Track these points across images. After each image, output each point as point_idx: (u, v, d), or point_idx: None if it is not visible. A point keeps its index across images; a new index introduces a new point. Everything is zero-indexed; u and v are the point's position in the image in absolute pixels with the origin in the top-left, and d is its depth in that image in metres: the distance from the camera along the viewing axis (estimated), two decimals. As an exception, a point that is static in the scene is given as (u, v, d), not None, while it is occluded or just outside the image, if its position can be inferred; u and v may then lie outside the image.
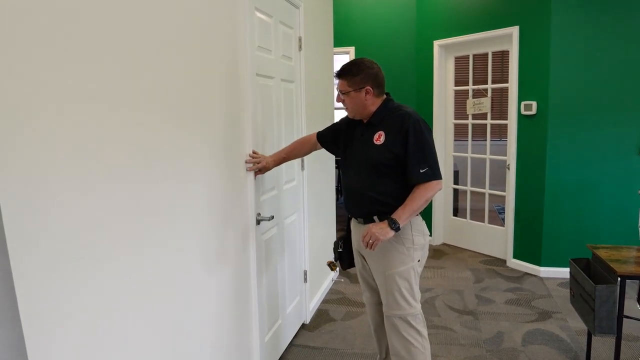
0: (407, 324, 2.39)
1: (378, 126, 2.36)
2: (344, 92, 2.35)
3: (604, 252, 2.75)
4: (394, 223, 2.23)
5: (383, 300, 2.45)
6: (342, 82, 2.35)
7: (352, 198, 2.48)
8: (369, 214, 2.41)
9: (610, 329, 2.51)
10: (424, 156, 2.25)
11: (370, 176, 2.35)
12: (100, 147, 1.41)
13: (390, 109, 2.37)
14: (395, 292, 2.37)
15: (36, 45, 1.18)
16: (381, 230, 2.23)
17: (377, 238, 2.22)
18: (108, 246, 1.46)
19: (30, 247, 1.17)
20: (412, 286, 2.39)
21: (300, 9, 3.34)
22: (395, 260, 2.36)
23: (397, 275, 2.36)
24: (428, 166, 2.25)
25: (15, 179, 1.13)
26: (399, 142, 2.27)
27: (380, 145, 2.32)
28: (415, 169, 2.25)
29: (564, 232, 4.45)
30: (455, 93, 5.43)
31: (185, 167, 1.92)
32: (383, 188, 2.33)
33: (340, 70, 2.37)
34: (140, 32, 1.60)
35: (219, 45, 2.20)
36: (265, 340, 2.82)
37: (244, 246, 2.51)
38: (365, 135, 2.39)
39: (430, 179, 2.25)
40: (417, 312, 2.40)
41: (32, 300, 1.18)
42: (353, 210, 2.52)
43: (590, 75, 4.21)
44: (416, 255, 2.39)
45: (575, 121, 4.29)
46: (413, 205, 2.25)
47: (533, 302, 3.98)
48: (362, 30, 5.63)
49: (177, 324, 1.88)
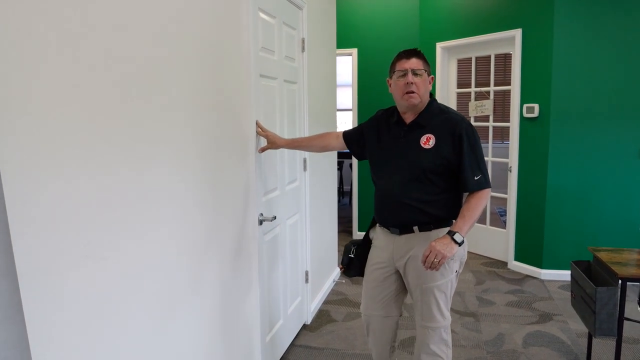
0: (438, 338, 2.28)
1: (425, 128, 2.21)
2: (418, 72, 2.17)
3: (605, 255, 2.75)
4: (458, 237, 2.06)
5: (417, 311, 2.31)
6: (418, 61, 2.19)
7: (389, 205, 2.28)
8: (409, 223, 2.24)
9: (611, 331, 2.51)
10: (477, 163, 2.15)
11: (415, 182, 2.19)
12: (106, 145, 1.43)
13: (438, 111, 2.25)
14: (433, 304, 2.24)
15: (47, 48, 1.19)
16: (447, 247, 2.03)
17: (444, 256, 2.01)
18: (112, 245, 1.47)
19: (34, 247, 1.18)
20: (448, 299, 2.27)
21: (304, 10, 3.36)
22: (436, 274, 2.20)
23: (436, 288, 2.22)
24: (481, 173, 2.15)
25: (20, 178, 1.14)
26: (451, 147, 2.14)
27: (430, 149, 2.16)
28: (470, 176, 2.13)
29: (565, 234, 4.45)
30: (458, 95, 5.44)
31: (188, 166, 1.93)
32: (427, 196, 2.19)
33: (412, 50, 2.23)
34: (145, 32, 1.62)
35: (223, 46, 2.21)
36: (267, 340, 2.83)
37: (246, 246, 2.52)
38: (409, 137, 2.23)
39: (483, 187, 2.15)
40: (449, 323, 2.30)
41: (35, 298, 1.19)
42: (388, 218, 2.31)
43: (593, 78, 4.21)
44: (455, 266, 2.24)
45: (577, 124, 4.29)
46: (473, 215, 2.10)
47: (534, 304, 3.98)
48: (365, 32, 5.64)
49: (177, 323, 1.89)
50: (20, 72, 1.13)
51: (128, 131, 1.54)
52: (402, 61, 2.20)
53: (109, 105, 1.44)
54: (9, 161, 1.11)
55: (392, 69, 2.27)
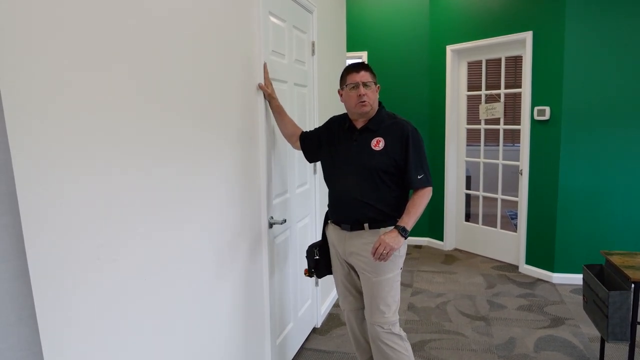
0: (389, 333, 2.42)
1: (375, 132, 2.38)
2: (368, 84, 2.34)
3: (617, 258, 2.73)
4: (404, 231, 2.26)
5: (367, 307, 2.46)
6: (367, 74, 2.36)
7: (342, 204, 2.46)
8: (359, 221, 2.40)
9: (624, 335, 2.49)
10: (420, 163, 2.35)
11: (366, 182, 2.36)
12: (119, 147, 1.44)
13: (387, 116, 2.43)
14: (379, 299, 2.40)
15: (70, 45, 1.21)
16: (394, 240, 2.23)
17: (391, 248, 2.22)
18: (124, 247, 1.48)
19: (46, 247, 1.20)
20: (396, 294, 2.43)
21: (314, 13, 3.37)
22: (384, 268, 2.37)
23: (385, 282, 2.39)
24: (424, 172, 2.35)
25: (34, 182, 1.16)
26: (399, 149, 2.33)
27: (380, 151, 2.34)
28: (414, 175, 2.33)
29: (577, 238, 4.41)
30: (468, 98, 5.42)
31: (201, 168, 1.94)
32: (378, 194, 2.36)
33: (360, 64, 2.39)
34: (160, 38, 1.63)
35: (234, 50, 2.23)
36: (277, 343, 2.84)
37: (256, 249, 2.53)
38: (360, 140, 2.39)
39: (425, 185, 2.35)
40: (396, 320, 2.44)
41: (47, 300, 1.20)
42: (341, 216, 2.49)
43: (604, 80, 4.18)
44: (400, 262, 2.44)
45: (588, 126, 4.26)
46: (417, 211, 2.31)
47: (545, 308, 3.95)
48: (375, 35, 5.64)
49: (189, 326, 1.90)
50: (38, 74, 1.15)
51: (143, 135, 1.55)
52: (353, 74, 2.36)
53: (121, 109, 1.46)
54: (23, 165, 1.12)
55: (344, 81, 2.42)
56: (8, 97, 1.08)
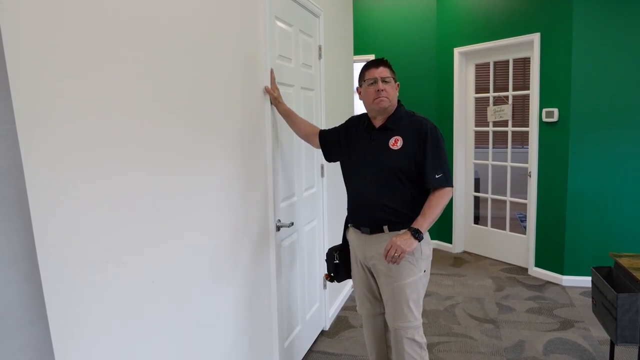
0: (410, 340, 2.35)
1: (393, 131, 2.32)
2: (387, 80, 2.30)
3: (626, 261, 2.71)
4: (417, 233, 2.16)
5: (388, 311, 2.39)
6: (386, 69, 2.31)
7: (361, 206, 2.40)
8: (378, 223, 2.34)
9: (633, 338, 2.47)
10: (439, 162, 2.25)
11: (384, 182, 2.30)
12: (128, 150, 1.46)
13: (405, 114, 2.36)
14: (403, 303, 2.31)
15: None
16: (406, 242, 2.14)
17: (403, 250, 2.13)
18: (131, 250, 1.51)
19: (56, 250, 1.22)
20: (418, 299, 2.35)
21: (320, 17, 3.39)
22: (405, 271, 2.29)
23: (407, 286, 2.30)
24: (442, 172, 2.24)
25: (44, 184, 1.18)
26: (417, 147, 2.26)
27: (398, 150, 2.28)
28: (431, 174, 2.23)
29: (586, 240, 4.39)
30: (476, 100, 5.41)
31: (208, 171, 1.96)
32: (397, 195, 2.29)
33: (379, 60, 2.35)
34: (167, 42, 1.65)
35: (239, 54, 2.25)
36: (285, 345, 2.85)
37: (264, 252, 2.54)
38: (378, 140, 2.34)
39: (444, 185, 2.24)
40: (420, 324, 2.37)
41: (58, 301, 1.23)
42: (360, 218, 2.43)
43: (612, 82, 4.16)
44: (423, 265, 2.34)
45: (597, 128, 4.24)
46: (433, 213, 2.20)
47: (555, 310, 3.93)
48: (383, 38, 5.65)
49: (196, 328, 1.91)
50: (48, 73, 1.17)
51: (151, 139, 1.58)
52: (372, 70, 2.33)
53: (129, 112, 1.48)
54: (33, 166, 1.15)
55: (362, 77, 2.38)
56: (20, 106, 1.11)
